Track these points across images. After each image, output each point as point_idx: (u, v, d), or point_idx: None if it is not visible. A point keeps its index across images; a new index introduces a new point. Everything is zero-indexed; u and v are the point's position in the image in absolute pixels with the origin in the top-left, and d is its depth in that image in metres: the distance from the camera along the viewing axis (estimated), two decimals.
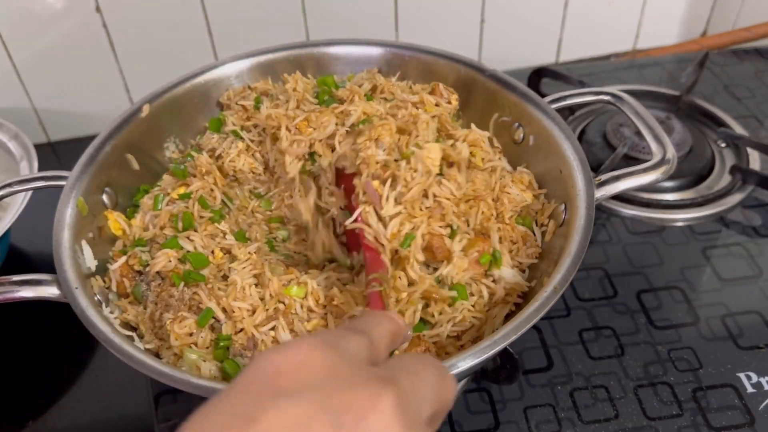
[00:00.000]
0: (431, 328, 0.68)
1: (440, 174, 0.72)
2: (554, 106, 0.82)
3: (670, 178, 0.99)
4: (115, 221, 0.77)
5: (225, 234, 0.76)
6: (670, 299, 0.89)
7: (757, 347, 0.83)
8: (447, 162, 0.73)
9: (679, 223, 0.99)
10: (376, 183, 0.67)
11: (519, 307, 0.72)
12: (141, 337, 0.71)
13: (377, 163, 0.68)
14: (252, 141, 0.84)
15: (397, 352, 0.60)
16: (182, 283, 0.71)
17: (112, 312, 0.71)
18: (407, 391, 0.37)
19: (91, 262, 0.73)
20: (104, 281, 0.74)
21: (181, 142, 0.90)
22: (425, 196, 0.70)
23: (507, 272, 0.72)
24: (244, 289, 0.68)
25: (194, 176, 0.82)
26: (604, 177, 0.74)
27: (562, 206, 0.75)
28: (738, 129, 1.12)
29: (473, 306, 0.70)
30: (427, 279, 0.68)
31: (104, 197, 0.79)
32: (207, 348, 0.67)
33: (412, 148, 0.69)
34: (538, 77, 1.21)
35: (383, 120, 0.71)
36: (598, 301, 0.89)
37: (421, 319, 0.68)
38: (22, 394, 0.85)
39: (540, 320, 0.61)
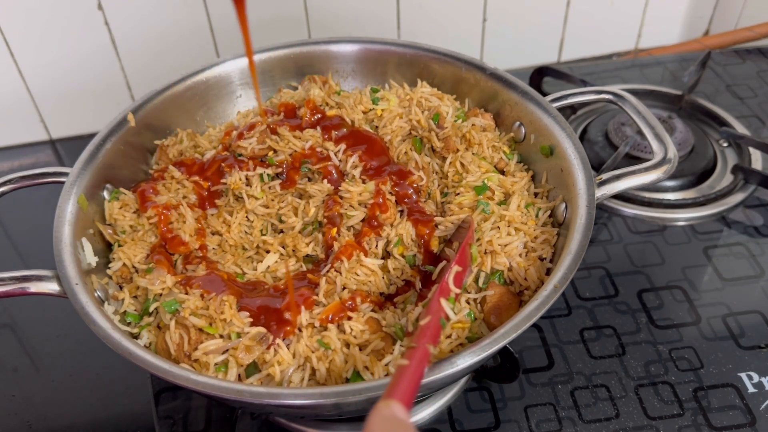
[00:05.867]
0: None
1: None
2: (556, 105, 0.82)
3: (672, 177, 1.00)
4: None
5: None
6: (672, 299, 0.89)
7: (759, 347, 0.83)
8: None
9: (681, 223, 0.99)
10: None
11: (520, 305, 0.71)
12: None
13: None
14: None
15: None
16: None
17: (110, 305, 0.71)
18: None
19: (91, 258, 0.73)
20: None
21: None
22: None
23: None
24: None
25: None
26: (605, 176, 0.74)
27: (563, 205, 0.75)
28: (740, 128, 1.12)
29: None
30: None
31: (105, 194, 0.80)
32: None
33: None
34: (539, 76, 1.21)
35: None
36: (599, 300, 0.89)
37: None
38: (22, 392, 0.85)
39: (540, 319, 0.61)
